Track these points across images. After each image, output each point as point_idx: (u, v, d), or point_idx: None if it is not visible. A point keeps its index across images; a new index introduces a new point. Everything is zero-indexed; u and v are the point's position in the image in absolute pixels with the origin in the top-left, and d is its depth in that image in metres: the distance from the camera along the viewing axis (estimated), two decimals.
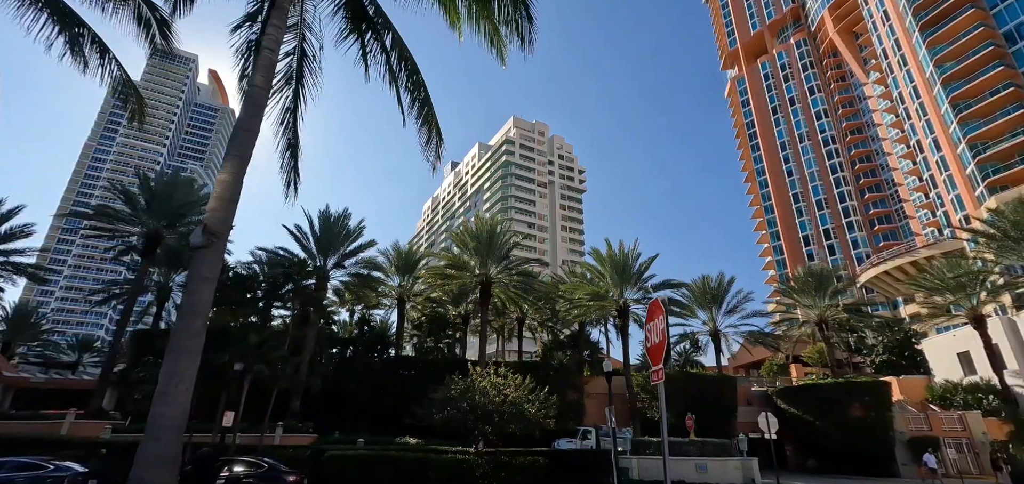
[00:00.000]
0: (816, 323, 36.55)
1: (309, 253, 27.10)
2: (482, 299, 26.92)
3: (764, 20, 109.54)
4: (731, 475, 17.56)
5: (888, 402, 31.43)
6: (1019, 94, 53.86)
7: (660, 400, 6.50)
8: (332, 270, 27.73)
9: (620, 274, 27.87)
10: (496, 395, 17.10)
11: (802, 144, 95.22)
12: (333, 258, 27.46)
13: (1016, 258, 23.81)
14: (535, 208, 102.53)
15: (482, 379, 17.86)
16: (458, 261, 27.29)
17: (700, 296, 38.60)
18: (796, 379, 43.13)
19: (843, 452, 32.26)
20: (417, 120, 9.67)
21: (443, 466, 16.41)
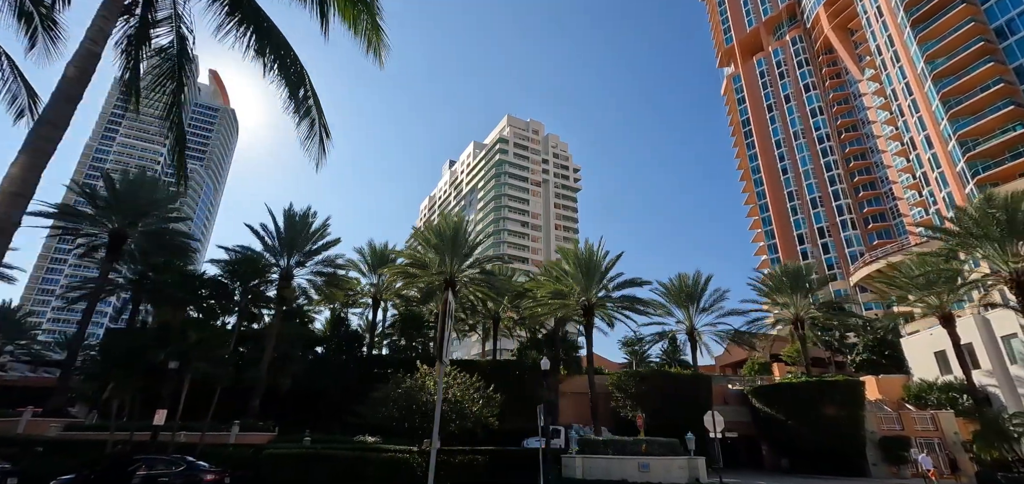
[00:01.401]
0: (792, 322, 36.26)
1: (273, 252, 27.08)
2: (445, 291, 26.79)
3: (760, 17, 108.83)
4: (675, 474, 17.39)
5: (860, 402, 31.13)
6: (1009, 90, 53.16)
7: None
8: (297, 269, 27.74)
9: (585, 273, 27.72)
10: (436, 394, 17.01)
11: (797, 142, 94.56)
12: (297, 257, 27.44)
13: (981, 255, 23.47)
14: (529, 207, 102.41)
15: (427, 378, 17.79)
16: (420, 259, 27.19)
17: (676, 295, 38.38)
18: (779, 378, 42.84)
19: (816, 452, 31.99)
20: (298, 115, 9.63)
21: (382, 465, 16.37)
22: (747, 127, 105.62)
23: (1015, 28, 54.32)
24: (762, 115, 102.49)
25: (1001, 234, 21.91)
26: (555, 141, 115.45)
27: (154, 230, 27.08)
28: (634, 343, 41.39)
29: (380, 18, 9.60)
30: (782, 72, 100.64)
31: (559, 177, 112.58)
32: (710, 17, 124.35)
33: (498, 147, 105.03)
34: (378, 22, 9.51)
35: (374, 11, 9.42)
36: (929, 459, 24.00)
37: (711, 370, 60.56)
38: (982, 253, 22.99)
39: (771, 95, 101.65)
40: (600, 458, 17.69)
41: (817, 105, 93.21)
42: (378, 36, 9.59)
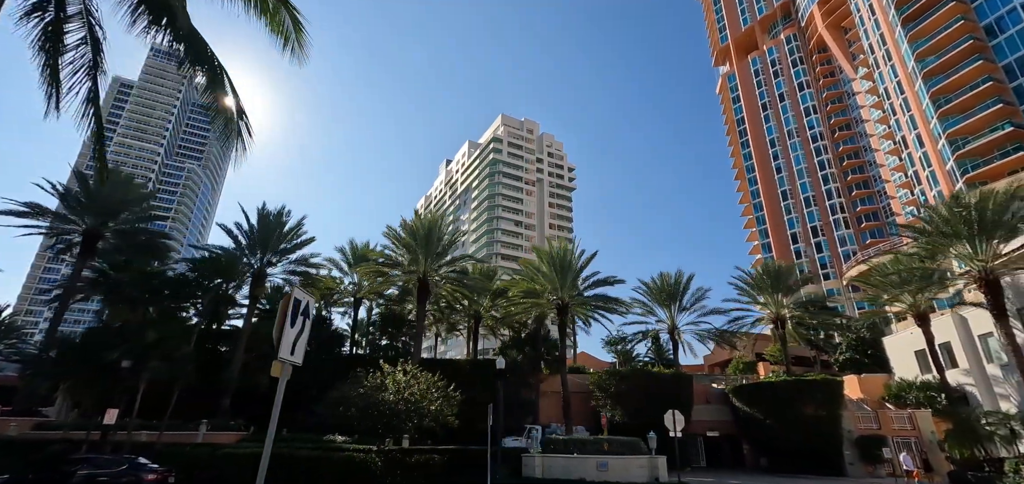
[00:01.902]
0: (772, 321, 36.17)
1: (246, 251, 27.01)
2: (419, 296, 26.74)
3: (755, 15, 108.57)
4: (634, 474, 17.35)
5: (838, 401, 31.07)
6: (997, 88, 52.96)
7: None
8: (269, 268, 27.68)
9: (559, 272, 27.64)
10: (396, 393, 17.02)
11: (791, 141, 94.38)
12: (270, 256, 27.38)
13: (954, 254, 23.37)
14: (522, 206, 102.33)
15: (388, 377, 17.77)
16: (392, 258, 27.13)
17: (657, 294, 38.32)
18: (763, 377, 42.73)
19: (795, 450, 31.92)
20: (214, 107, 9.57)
21: (339, 464, 16.35)
22: (742, 126, 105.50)
23: (1004, 26, 54.10)
24: (756, 114, 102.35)
25: (970, 233, 21.82)
26: (550, 140, 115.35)
27: (128, 229, 27.05)
28: (617, 342, 41.30)
29: (300, 14, 9.57)
30: (776, 71, 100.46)
31: (553, 176, 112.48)
32: (706, 16, 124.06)
33: (492, 146, 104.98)
34: (298, 18, 9.48)
35: (292, 7, 9.39)
36: (909, 458, 23.90)
37: (700, 369, 60.47)
38: (954, 252, 22.89)
39: (765, 94, 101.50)
40: (560, 457, 17.65)
41: (811, 104, 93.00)
42: (299, 32, 9.57)
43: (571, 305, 28.44)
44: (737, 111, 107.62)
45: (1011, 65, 52.95)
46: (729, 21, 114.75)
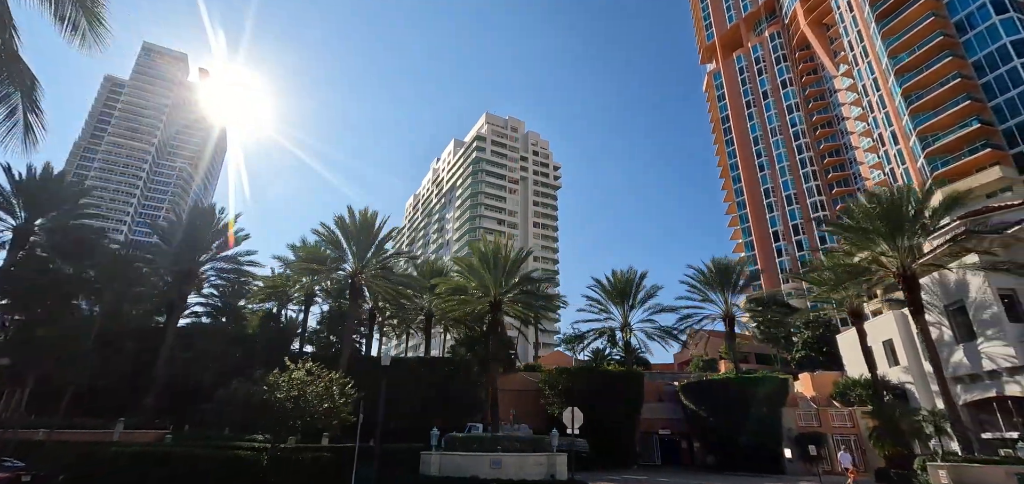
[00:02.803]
0: (721, 318, 36.03)
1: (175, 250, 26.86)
2: (352, 295, 26.62)
3: (740, 13, 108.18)
4: (530, 471, 17.23)
5: (780, 399, 30.95)
6: (966, 85, 52.63)
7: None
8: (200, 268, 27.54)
9: (492, 270, 27.50)
10: (289, 392, 16.95)
11: (774, 138, 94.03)
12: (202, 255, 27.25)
13: (867, 252, 23.19)
14: (505, 204, 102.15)
15: (281, 377, 17.69)
16: (318, 255, 26.99)
17: (610, 292, 38.21)
18: (723, 373, 42.57)
19: (740, 448, 31.79)
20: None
21: (226, 462, 16.28)
22: (726, 124, 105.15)
23: (974, 22, 53.76)
24: (741, 111, 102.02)
25: (887, 231, 21.66)
26: (535, 139, 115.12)
27: (59, 226, 26.98)
28: (574, 340, 41.17)
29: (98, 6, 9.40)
30: (760, 68, 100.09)
31: (539, 174, 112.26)
32: (693, 13, 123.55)
33: (475, 145, 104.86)
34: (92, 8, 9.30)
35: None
36: (849, 456, 23.75)
37: (670, 367, 60.34)
38: (875, 250, 22.70)
39: (749, 92, 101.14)
40: (456, 455, 17.56)
41: (794, 101, 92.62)
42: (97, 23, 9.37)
43: (504, 302, 28.29)
44: (722, 109, 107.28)
45: (980, 61, 52.61)
46: (715, 19, 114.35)
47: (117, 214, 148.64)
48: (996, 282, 21.59)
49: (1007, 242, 22.02)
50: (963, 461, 18.90)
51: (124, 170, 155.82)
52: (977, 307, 22.44)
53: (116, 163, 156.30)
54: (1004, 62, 50.44)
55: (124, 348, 25.96)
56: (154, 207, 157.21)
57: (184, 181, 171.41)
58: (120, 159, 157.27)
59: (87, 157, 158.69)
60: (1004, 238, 21.89)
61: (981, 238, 22.33)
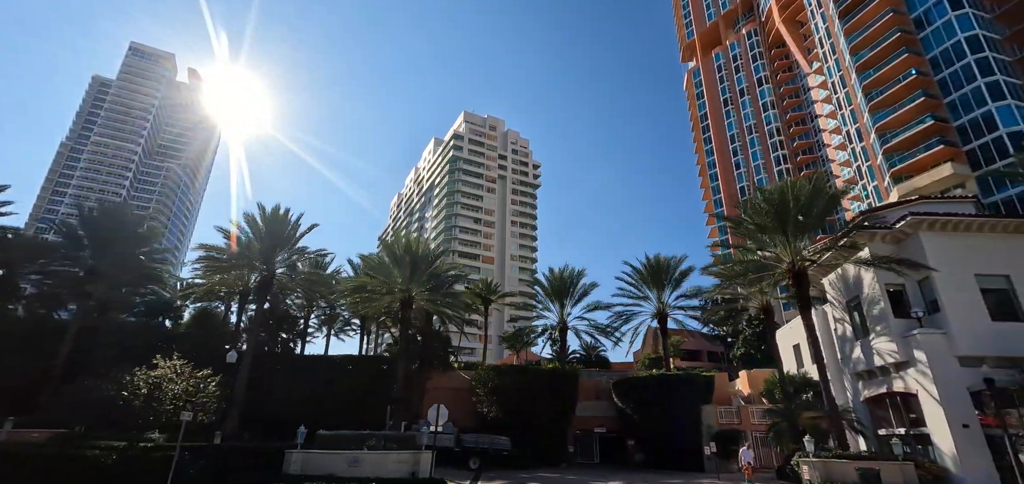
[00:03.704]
0: (654, 315, 35.95)
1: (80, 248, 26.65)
2: (259, 293, 26.54)
3: (719, 10, 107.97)
4: (390, 469, 17.20)
5: (703, 396, 30.91)
6: (922, 82, 52.40)
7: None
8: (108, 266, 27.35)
9: (409, 268, 27.43)
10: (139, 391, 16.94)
11: (750, 136, 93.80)
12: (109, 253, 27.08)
13: (758, 248, 23.11)
14: (482, 203, 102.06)
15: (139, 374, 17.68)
16: (222, 254, 26.87)
17: (549, 290, 38.14)
18: (674, 369, 42.44)
19: (664, 446, 31.79)
20: None
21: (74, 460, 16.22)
22: (705, 122, 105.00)
23: (932, 18, 53.52)
24: (719, 109, 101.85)
25: (774, 226, 21.58)
26: (515, 137, 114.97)
27: None
28: (516, 338, 41.07)
29: None
30: (737, 66, 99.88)
31: (518, 173, 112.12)
32: (675, 12, 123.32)
33: (452, 143, 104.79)
34: None
35: None
36: (750, 453, 23.61)
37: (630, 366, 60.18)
38: (773, 246, 22.62)
39: (727, 89, 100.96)
40: (316, 453, 17.53)
41: (769, 99, 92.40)
42: None
43: (417, 300, 28.19)
44: (701, 107, 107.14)
45: (937, 58, 52.35)
46: (695, 16, 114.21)
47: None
48: (884, 278, 21.47)
49: (898, 237, 21.89)
50: (832, 457, 18.85)
51: (110, 170, 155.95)
52: (869, 303, 22.33)
53: (102, 163, 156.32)
54: (958, 59, 50.22)
55: (43, 347, 25.94)
56: (141, 207, 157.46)
57: (172, 180, 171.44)
58: (106, 159, 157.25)
59: (73, 157, 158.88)
60: (895, 233, 21.76)
61: (872, 234, 22.23)
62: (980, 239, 20.79)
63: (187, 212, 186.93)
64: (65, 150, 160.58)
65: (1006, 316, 19.71)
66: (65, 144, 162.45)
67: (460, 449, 30.34)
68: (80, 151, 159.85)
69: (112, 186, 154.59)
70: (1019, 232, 20.82)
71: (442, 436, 31.30)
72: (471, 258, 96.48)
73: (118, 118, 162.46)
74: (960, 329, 19.23)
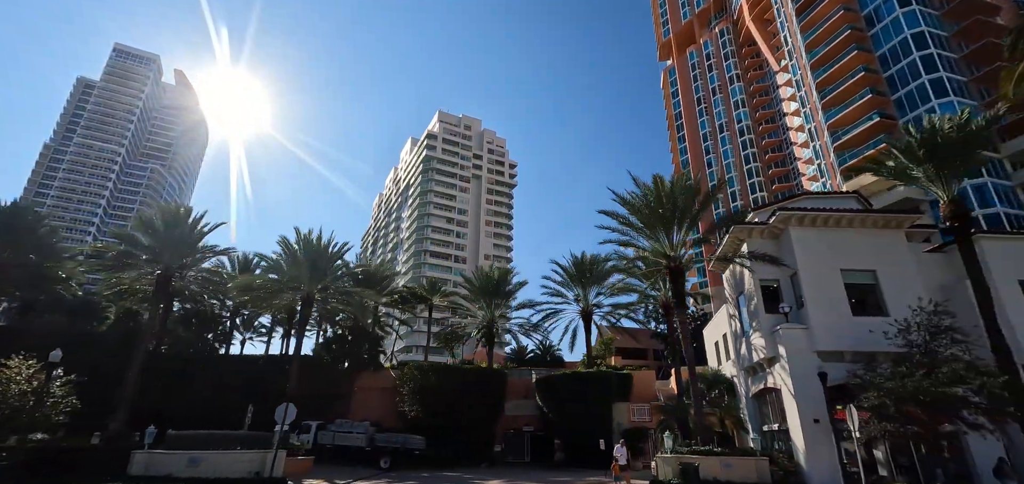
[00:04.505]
0: (580, 314, 35.91)
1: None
2: (156, 292, 26.44)
3: (694, 8, 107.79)
4: (235, 468, 17.17)
5: (615, 394, 30.89)
6: (871, 79, 52.37)
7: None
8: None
9: (310, 265, 27.37)
10: None
11: (721, 134, 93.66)
12: None
13: (631, 247, 23.12)
14: (456, 203, 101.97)
15: None
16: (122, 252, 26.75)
17: (476, 289, 38.10)
18: (611, 367, 42.37)
19: (581, 443, 31.71)
20: None
21: None
22: (679, 121, 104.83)
23: (882, 15, 53.49)
24: (692, 108, 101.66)
25: (655, 223, 21.57)
26: (491, 137, 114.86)
27: None
28: (448, 337, 40.99)
29: None
30: (710, 65, 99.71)
31: (494, 172, 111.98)
32: (653, 11, 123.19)
33: (426, 143, 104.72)
34: None
35: None
36: (624, 450, 23.53)
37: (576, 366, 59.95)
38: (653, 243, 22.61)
39: (700, 88, 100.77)
40: (159, 454, 17.49)
41: (740, 97, 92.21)
42: None
43: (317, 299, 28.10)
44: (676, 106, 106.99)
45: (885, 55, 52.30)
46: (671, 15, 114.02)
47: (85, 215, 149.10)
48: (759, 273, 21.45)
49: (775, 233, 21.85)
50: (687, 453, 18.85)
51: (93, 171, 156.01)
52: (748, 299, 22.32)
53: (84, 164, 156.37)
54: (905, 55, 50.18)
55: None
56: (124, 208, 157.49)
57: (156, 181, 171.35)
58: (89, 160, 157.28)
59: (57, 159, 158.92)
60: (771, 228, 21.72)
61: (750, 230, 22.20)
62: (849, 235, 20.76)
63: None
64: (48, 151, 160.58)
65: (871, 311, 19.70)
66: (48, 145, 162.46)
67: (371, 448, 30.28)
68: (64, 152, 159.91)
69: (95, 187, 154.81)
70: (887, 227, 20.80)
71: (353, 436, 31.40)
72: (443, 258, 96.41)
73: (101, 119, 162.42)
74: (820, 324, 19.21)
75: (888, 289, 19.50)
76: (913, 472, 17.22)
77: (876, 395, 15.22)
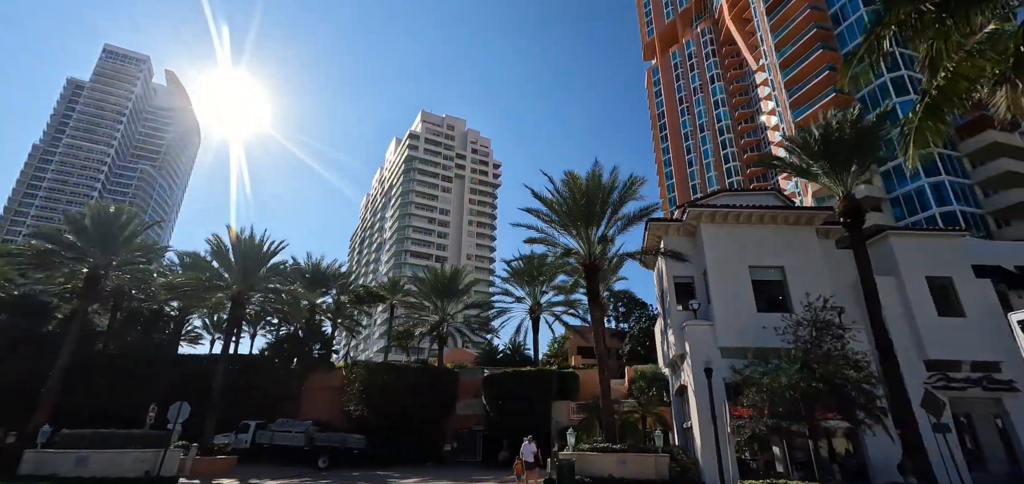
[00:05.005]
0: (528, 312, 35.85)
1: None
2: (85, 291, 26.28)
3: (677, 8, 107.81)
4: (125, 467, 17.10)
5: (551, 391, 30.86)
6: (834, 78, 52.27)
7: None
8: None
9: (241, 265, 27.21)
10: None
11: (702, 134, 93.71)
12: None
13: (552, 244, 23.07)
14: (437, 203, 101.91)
15: None
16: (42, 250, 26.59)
17: (430, 288, 38.04)
18: (574, 366, 42.31)
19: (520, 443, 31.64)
20: None
21: None
22: (662, 120, 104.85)
23: (846, 13, 53.48)
24: (674, 107, 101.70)
25: (574, 220, 21.57)
26: (475, 137, 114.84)
27: None
28: (401, 337, 40.87)
29: None
30: (692, 64, 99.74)
31: (477, 172, 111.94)
32: (638, 10, 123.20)
33: (408, 143, 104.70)
34: None
35: None
36: (532, 447, 23.47)
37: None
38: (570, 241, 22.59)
39: (682, 88, 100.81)
40: (49, 454, 17.42)
41: (721, 96, 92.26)
42: None
43: (247, 299, 27.93)
44: (659, 106, 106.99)
45: (851, 53, 52.08)
46: (655, 15, 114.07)
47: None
48: (673, 269, 21.41)
49: (689, 229, 21.79)
50: (588, 450, 18.80)
51: (82, 172, 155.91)
52: (665, 295, 22.28)
53: (73, 166, 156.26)
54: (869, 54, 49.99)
55: None
56: None
57: (146, 182, 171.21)
58: (78, 161, 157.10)
59: (46, 159, 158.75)
60: (685, 225, 21.67)
61: (667, 227, 22.17)
62: (760, 231, 20.71)
63: (164, 212, 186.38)
64: (37, 152, 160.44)
65: (778, 307, 19.64)
66: (37, 146, 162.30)
67: (310, 448, 30.18)
68: (53, 153, 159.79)
69: (84, 187, 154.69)
70: (798, 224, 20.75)
71: (292, 435, 31.29)
72: (425, 258, 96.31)
73: (91, 120, 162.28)
74: (724, 320, 19.16)
75: (795, 286, 19.43)
76: (810, 469, 17.17)
77: (754, 392, 15.18)
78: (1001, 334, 19.02)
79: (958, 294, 19.29)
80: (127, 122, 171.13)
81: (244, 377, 33.52)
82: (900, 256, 20.04)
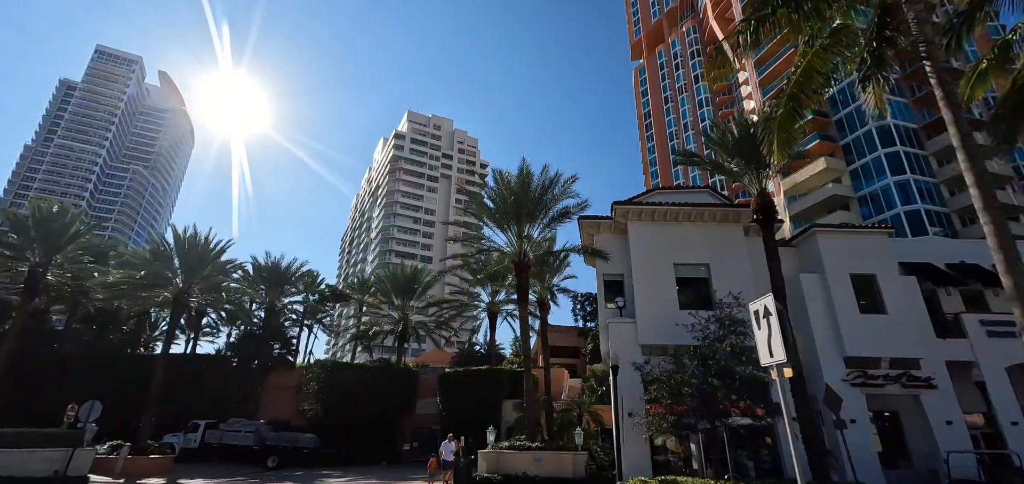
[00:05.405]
0: (486, 310, 35.82)
1: None
2: (26, 288, 26.25)
3: (663, 8, 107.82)
4: (25, 466, 17.08)
5: (501, 391, 30.83)
6: None
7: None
8: None
9: (185, 263, 27.14)
10: None
11: (686, 134, 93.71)
12: None
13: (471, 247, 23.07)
14: (422, 203, 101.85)
15: None
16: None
17: (392, 287, 38.02)
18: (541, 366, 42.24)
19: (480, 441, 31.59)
20: None
21: None
22: (648, 119, 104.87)
23: None
24: (660, 107, 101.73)
25: (499, 218, 21.54)
26: (462, 136, 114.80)
27: None
28: (363, 336, 40.83)
29: None
30: (678, 64, 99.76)
31: (464, 172, 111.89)
32: (626, 10, 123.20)
33: (393, 143, 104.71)
34: None
35: None
36: (452, 445, 23.35)
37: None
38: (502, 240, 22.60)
39: (668, 87, 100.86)
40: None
41: (705, 96, 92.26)
42: None
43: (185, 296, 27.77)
44: (645, 105, 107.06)
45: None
46: (643, 14, 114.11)
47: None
48: (603, 267, 21.34)
49: (620, 227, 21.73)
50: (508, 448, 18.75)
51: (74, 173, 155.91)
52: (600, 293, 22.21)
53: (65, 166, 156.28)
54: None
55: None
56: (105, 210, 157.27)
57: (139, 183, 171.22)
58: (69, 162, 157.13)
59: (37, 160, 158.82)
60: (616, 223, 21.61)
61: (599, 224, 22.11)
62: (688, 229, 20.66)
63: (156, 212, 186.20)
64: (28, 153, 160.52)
65: (705, 305, 19.57)
66: (28, 147, 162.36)
67: (260, 447, 30.08)
68: (45, 154, 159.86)
69: (75, 188, 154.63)
70: (725, 222, 20.69)
71: (242, 435, 31.19)
72: (409, 258, 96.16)
73: (82, 120, 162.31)
74: (646, 318, 19.11)
75: (719, 283, 19.36)
76: (725, 465, 17.12)
77: (655, 388, 15.13)
78: (923, 331, 19.00)
79: (881, 291, 19.21)
80: (119, 123, 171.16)
81: (197, 377, 33.46)
82: (825, 253, 19.96)
